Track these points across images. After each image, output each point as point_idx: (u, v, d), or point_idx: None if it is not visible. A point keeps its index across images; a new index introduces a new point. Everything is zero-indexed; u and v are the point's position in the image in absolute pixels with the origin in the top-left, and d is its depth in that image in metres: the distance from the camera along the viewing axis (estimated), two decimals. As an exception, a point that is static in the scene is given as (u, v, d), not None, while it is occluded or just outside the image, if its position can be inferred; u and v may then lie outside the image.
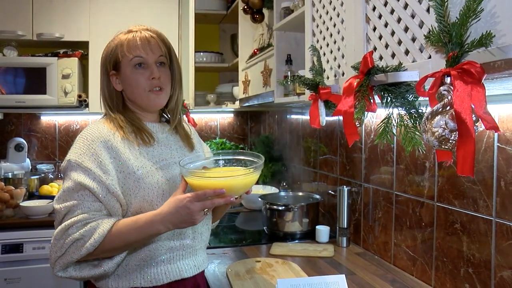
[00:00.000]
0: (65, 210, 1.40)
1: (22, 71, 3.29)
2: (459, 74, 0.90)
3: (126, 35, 1.55)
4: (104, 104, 1.60)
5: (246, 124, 4.27)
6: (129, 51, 1.52)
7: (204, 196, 1.35)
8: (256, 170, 1.43)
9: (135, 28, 1.57)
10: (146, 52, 1.52)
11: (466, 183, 1.62)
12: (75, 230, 1.37)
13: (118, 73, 1.55)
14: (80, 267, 1.42)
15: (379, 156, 2.16)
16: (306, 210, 2.51)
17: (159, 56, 1.55)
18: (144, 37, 1.53)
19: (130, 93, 1.56)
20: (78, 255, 1.36)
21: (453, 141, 0.91)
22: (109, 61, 1.56)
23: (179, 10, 3.64)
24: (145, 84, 1.53)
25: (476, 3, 0.88)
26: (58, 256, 1.39)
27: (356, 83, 1.27)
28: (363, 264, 2.08)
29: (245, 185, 1.43)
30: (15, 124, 3.76)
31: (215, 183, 1.36)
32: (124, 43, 1.53)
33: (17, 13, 3.33)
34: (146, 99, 1.54)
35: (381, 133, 1.19)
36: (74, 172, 1.41)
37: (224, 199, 1.38)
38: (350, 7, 1.51)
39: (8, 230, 2.87)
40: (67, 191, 1.41)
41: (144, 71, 1.53)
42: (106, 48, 1.59)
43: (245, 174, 1.41)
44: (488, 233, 1.52)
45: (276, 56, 2.43)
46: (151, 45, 1.53)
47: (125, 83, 1.55)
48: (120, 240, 1.39)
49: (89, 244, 1.35)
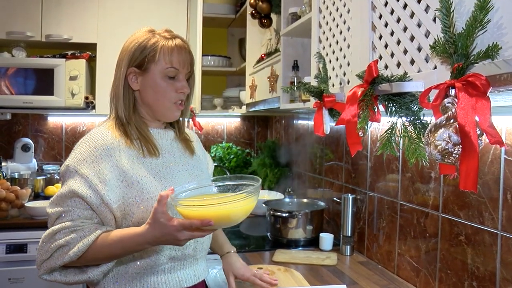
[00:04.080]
0: (56, 215, 1.38)
1: (30, 72, 3.30)
2: (463, 86, 0.88)
3: (165, 39, 1.49)
4: (113, 101, 1.53)
5: (253, 128, 4.25)
6: (168, 59, 1.47)
7: (190, 227, 1.27)
8: (251, 196, 1.30)
9: (168, 35, 1.51)
10: (181, 65, 1.50)
11: (471, 195, 1.59)
12: (62, 236, 1.35)
13: (142, 73, 1.50)
14: (66, 272, 1.41)
15: (384, 165, 2.14)
16: (310, 217, 2.49)
17: (189, 71, 1.54)
18: (182, 48, 1.50)
19: (152, 99, 1.51)
20: (61, 262, 1.35)
21: (456, 155, 0.89)
22: (136, 58, 1.49)
23: (188, 13, 3.63)
24: (171, 95, 1.50)
25: (483, 14, 0.86)
26: (44, 260, 1.37)
27: (360, 92, 1.25)
28: (366, 273, 2.06)
29: (236, 214, 1.31)
30: (22, 125, 3.77)
31: (203, 214, 1.26)
32: (164, 48, 1.47)
33: (26, 14, 3.34)
34: (168, 110, 1.53)
35: (384, 143, 1.17)
36: (71, 178, 1.39)
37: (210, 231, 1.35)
38: (356, 14, 1.49)
39: (13, 230, 2.88)
40: (60, 196, 1.39)
41: (174, 83, 1.50)
42: (135, 43, 1.50)
43: (236, 200, 1.27)
44: (493, 246, 1.50)
45: (283, 62, 2.42)
46: (185, 57, 1.50)
47: (149, 87, 1.50)
48: (104, 253, 1.36)
49: (72, 253, 1.33)
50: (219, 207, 1.27)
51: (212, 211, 1.26)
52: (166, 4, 3.59)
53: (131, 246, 1.35)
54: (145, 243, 1.34)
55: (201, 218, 1.25)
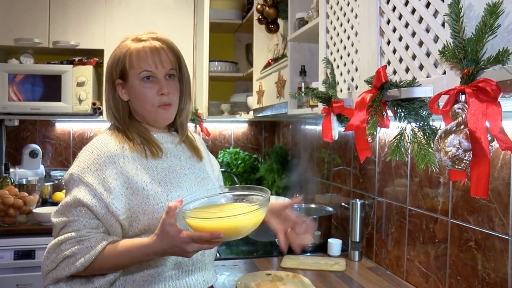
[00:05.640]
0: (61, 225, 1.37)
1: (38, 78, 3.32)
2: (474, 92, 0.88)
3: (135, 44, 1.48)
4: (109, 113, 1.54)
5: (260, 134, 4.25)
6: (137, 63, 1.45)
7: (200, 239, 1.26)
8: (261, 208, 1.29)
9: (144, 37, 1.50)
10: (155, 65, 1.46)
11: (481, 200, 1.58)
12: (68, 247, 1.34)
13: (125, 83, 1.49)
14: (72, 282, 1.40)
15: (392, 170, 2.12)
16: (319, 222, 2.48)
17: (169, 69, 1.49)
18: (154, 49, 1.46)
19: (138, 106, 1.50)
20: (68, 272, 1.34)
21: (467, 161, 0.88)
22: (116, 70, 1.49)
23: (194, 18, 3.64)
24: (153, 99, 1.47)
25: (493, 19, 0.85)
26: (49, 270, 1.37)
27: (369, 98, 1.25)
28: (375, 279, 2.04)
29: (245, 226, 1.30)
30: (30, 131, 3.79)
31: (213, 226, 1.24)
32: (133, 53, 1.46)
33: (33, 21, 3.36)
34: (154, 114, 1.49)
35: (393, 149, 1.17)
36: (75, 187, 1.37)
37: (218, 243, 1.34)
38: (364, 19, 1.49)
39: (21, 236, 2.88)
40: (65, 205, 1.38)
41: (153, 85, 1.47)
42: (113, 56, 1.52)
43: (246, 213, 1.26)
44: (504, 252, 1.48)
45: (290, 67, 2.41)
46: (161, 57, 1.47)
47: (132, 95, 1.49)
48: (111, 263, 1.36)
49: (79, 264, 1.33)
50: (229, 219, 1.26)
51: (222, 224, 1.25)
52: (173, 10, 3.60)
53: (138, 256, 1.35)
54: (152, 254, 1.34)
55: (210, 231, 1.24)
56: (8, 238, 2.85)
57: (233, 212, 1.27)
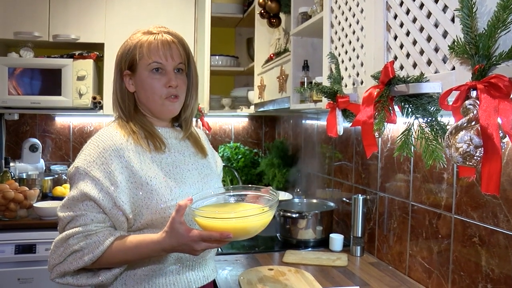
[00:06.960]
0: (68, 219, 1.37)
1: (38, 72, 3.31)
2: (485, 88, 0.87)
3: (146, 36, 1.49)
4: (115, 105, 1.55)
5: (261, 128, 4.24)
6: (148, 54, 1.46)
7: (209, 238, 1.28)
8: (270, 209, 1.32)
9: (155, 30, 1.50)
10: (165, 58, 1.47)
11: (485, 196, 1.58)
12: (76, 241, 1.34)
13: (133, 74, 1.50)
14: (78, 276, 1.40)
15: (395, 165, 2.12)
16: (320, 217, 2.47)
17: (179, 63, 1.50)
18: (165, 41, 1.47)
19: (144, 98, 1.50)
20: (75, 266, 1.34)
21: (478, 158, 0.88)
22: (125, 61, 1.50)
23: (195, 13, 3.63)
24: (161, 91, 1.48)
25: (506, 14, 0.85)
26: (56, 264, 1.37)
27: (376, 93, 1.24)
28: (377, 274, 2.04)
29: (254, 227, 1.32)
30: (30, 125, 3.78)
31: (223, 226, 1.27)
32: (144, 45, 1.46)
33: (33, 14, 3.34)
34: (161, 106, 1.50)
35: (401, 145, 1.16)
36: (81, 181, 1.37)
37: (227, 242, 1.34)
38: (370, 14, 1.48)
39: (22, 230, 2.88)
40: (72, 199, 1.37)
41: (161, 77, 1.47)
42: (123, 47, 1.53)
43: (257, 214, 1.29)
44: (509, 248, 1.48)
45: (293, 62, 2.40)
46: (171, 50, 1.48)
47: (139, 86, 1.49)
48: (118, 258, 1.36)
49: (87, 258, 1.33)
50: (239, 220, 1.27)
51: (232, 224, 1.27)
52: (174, 4, 3.58)
53: (146, 252, 1.35)
54: (161, 251, 1.34)
55: (220, 231, 1.25)
56: (9, 232, 2.85)
57: (244, 213, 1.30)
